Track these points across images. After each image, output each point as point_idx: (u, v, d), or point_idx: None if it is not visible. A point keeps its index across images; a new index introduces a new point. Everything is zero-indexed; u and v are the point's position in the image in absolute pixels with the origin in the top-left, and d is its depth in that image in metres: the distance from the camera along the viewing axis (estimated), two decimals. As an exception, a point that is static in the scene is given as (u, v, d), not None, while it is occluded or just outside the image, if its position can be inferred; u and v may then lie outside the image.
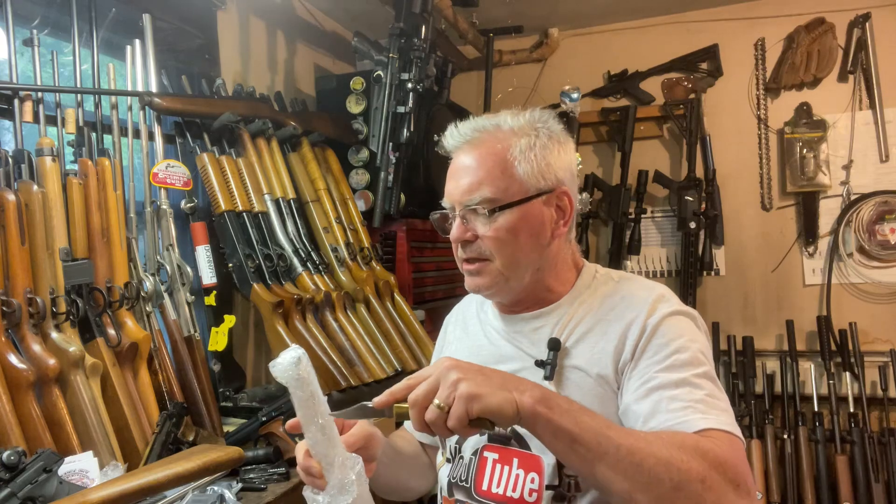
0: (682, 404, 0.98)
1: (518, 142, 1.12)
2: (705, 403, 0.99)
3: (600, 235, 3.51)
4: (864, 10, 3.06)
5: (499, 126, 1.14)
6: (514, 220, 1.10)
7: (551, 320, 1.16)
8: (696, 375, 1.01)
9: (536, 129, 1.14)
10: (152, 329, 1.79)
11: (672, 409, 0.98)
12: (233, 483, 1.49)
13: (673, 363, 1.03)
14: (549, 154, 1.13)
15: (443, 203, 1.18)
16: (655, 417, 0.99)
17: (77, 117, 1.74)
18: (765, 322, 3.27)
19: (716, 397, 1.00)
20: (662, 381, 1.01)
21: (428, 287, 2.67)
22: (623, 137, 3.33)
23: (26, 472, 1.22)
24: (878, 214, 3.06)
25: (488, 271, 1.13)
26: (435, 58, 2.71)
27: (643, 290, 1.14)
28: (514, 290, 1.15)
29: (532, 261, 1.13)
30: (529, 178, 1.11)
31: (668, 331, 1.06)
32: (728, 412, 1.00)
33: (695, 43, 3.31)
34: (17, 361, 1.43)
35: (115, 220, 1.72)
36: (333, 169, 2.43)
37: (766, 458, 2.96)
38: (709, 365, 1.05)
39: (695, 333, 1.08)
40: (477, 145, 1.13)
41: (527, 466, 1.10)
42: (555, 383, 1.10)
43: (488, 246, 1.12)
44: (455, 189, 1.14)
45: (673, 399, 0.99)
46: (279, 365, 0.91)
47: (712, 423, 0.96)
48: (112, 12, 1.90)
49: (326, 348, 2.01)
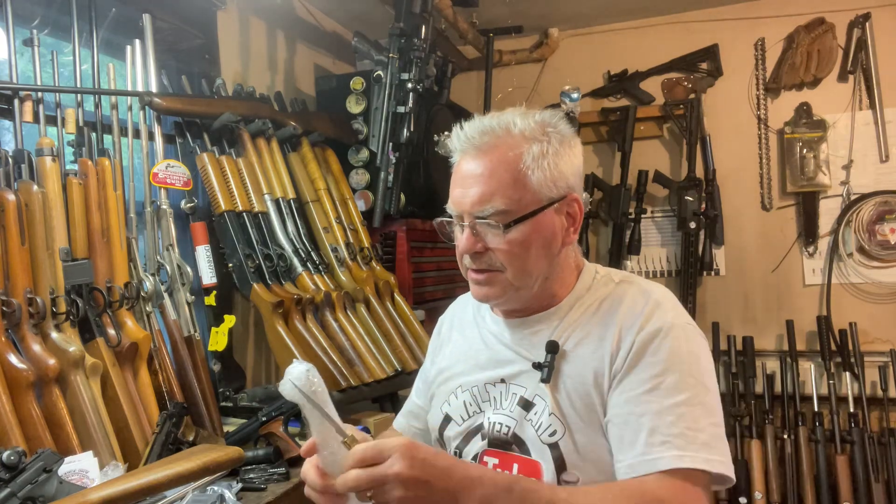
0: (661, 438, 0.98)
1: (530, 149, 1.07)
2: (685, 438, 0.98)
3: (600, 235, 3.51)
4: (864, 10, 3.06)
5: (508, 130, 1.08)
6: (528, 233, 1.07)
7: (551, 323, 1.15)
8: (679, 403, 1.00)
9: (548, 134, 1.09)
10: (152, 329, 1.79)
11: (651, 444, 0.98)
12: (233, 483, 1.49)
13: (658, 386, 1.01)
14: (560, 161, 1.09)
15: (448, 209, 1.13)
16: (633, 448, 1.00)
17: (77, 117, 1.74)
18: (765, 322, 3.26)
19: (698, 429, 0.99)
20: (645, 409, 1.01)
21: (428, 287, 2.67)
22: (623, 137, 3.33)
23: (26, 472, 1.22)
24: (878, 214, 3.06)
25: (498, 282, 1.10)
26: (435, 58, 2.71)
27: (641, 295, 1.11)
28: (522, 299, 1.14)
29: (542, 270, 1.11)
30: (542, 187, 1.07)
31: (658, 349, 1.04)
32: (707, 444, 0.99)
33: (695, 43, 3.31)
34: (17, 361, 1.43)
35: (115, 220, 1.72)
36: (333, 169, 2.43)
37: (766, 458, 2.96)
38: (705, 381, 1.04)
39: (684, 348, 1.05)
40: (487, 151, 1.08)
41: (526, 472, 1.10)
42: (551, 387, 1.09)
43: (500, 259, 1.08)
44: (464, 198, 1.08)
45: (653, 432, 0.99)
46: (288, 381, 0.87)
47: (687, 463, 0.97)
48: (112, 12, 1.90)
49: (326, 348, 2.01)
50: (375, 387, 2.07)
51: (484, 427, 1.16)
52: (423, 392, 1.35)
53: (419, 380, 1.40)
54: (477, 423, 1.18)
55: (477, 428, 1.18)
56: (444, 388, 1.26)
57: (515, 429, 1.12)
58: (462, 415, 1.20)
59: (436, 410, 1.26)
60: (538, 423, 1.10)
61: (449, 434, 1.22)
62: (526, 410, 1.12)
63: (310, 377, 0.89)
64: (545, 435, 1.09)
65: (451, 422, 1.22)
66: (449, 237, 1.17)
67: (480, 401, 1.18)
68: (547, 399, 1.10)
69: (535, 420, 1.10)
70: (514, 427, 1.12)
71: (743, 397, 3.09)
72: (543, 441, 1.09)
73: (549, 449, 1.08)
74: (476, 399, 1.19)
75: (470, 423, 1.19)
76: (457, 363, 1.26)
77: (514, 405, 1.13)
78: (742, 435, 3.00)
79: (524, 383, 1.14)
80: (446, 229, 1.17)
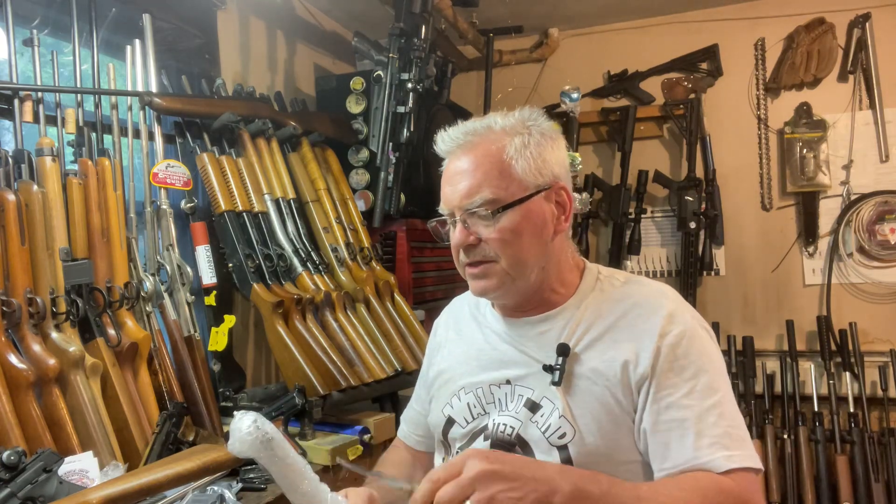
0: (708, 441, 1.01)
1: (512, 141, 1.11)
2: (730, 437, 1.02)
3: (600, 235, 3.51)
4: (864, 10, 3.06)
5: (490, 127, 1.13)
6: (517, 220, 1.09)
7: (558, 324, 1.14)
8: (717, 403, 1.03)
9: (528, 128, 1.13)
10: (152, 329, 1.79)
11: (700, 447, 1.01)
12: (233, 483, 1.49)
13: (694, 389, 1.04)
14: (544, 150, 1.12)
15: (440, 209, 1.16)
16: (682, 453, 1.02)
17: (77, 117, 1.74)
18: (765, 322, 3.26)
19: (736, 426, 1.03)
20: (686, 414, 1.03)
21: (428, 287, 2.67)
22: (623, 137, 3.33)
23: (26, 472, 1.21)
24: (878, 214, 3.06)
25: (494, 272, 1.12)
26: (435, 58, 2.71)
27: (654, 296, 1.13)
28: (520, 291, 1.14)
29: (537, 259, 1.12)
30: (528, 175, 1.10)
31: (687, 352, 1.06)
32: (746, 440, 1.04)
33: (695, 43, 3.31)
34: (17, 361, 1.43)
35: (115, 220, 1.72)
36: (333, 169, 2.43)
37: (766, 458, 2.95)
38: (725, 384, 1.07)
39: (709, 347, 1.09)
40: (471, 148, 1.12)
41: None
42: (562, 389, 1.09)
43: (493, 248, 1.10)
44: (453, 194, 1.12)
45: (699, 435, 1.02)
46: (235, 438, 0.83)
47: (737, 463, 1.00)
48: (112, 12, 1.90)
49: (326, 348, 2.01)
50: (375, 387, 2.07)
51: (488, 428, 1.16)
52: (424, 399, 1.35)
53: (419, 386, 1.39)
54: (482, 425, 1.17)
55: (481, 430, 1.17)
56: (445, 389, 1.25)
57: (520, 430, 1.12)
58: (466, 417, 1.20)
59: (437, 413, 1.25)
60: (545, 425, 1.09)
61: (453, 436, 1.22)
62: (532, 412, 1.11)
63: (259, 426, 0.86)
64: (553, 437, 1.08)
65: (454, 424, 1.21)
66: (444, 238, 1.19)
67: (485, 402, 1.18)
68: (557, 401, 1.09)
69: (541, 422, 1.10)
70: (519, 428, 1.12)
71: (743, 397, 3.09)
72: (552, 443, 1.08)
73: (558, 451, 1.08)
74: (480, 401, 1.18)
75: (475, 426, 1.19)
76: (457, 364, 1.25)
77: (520, 406, 1.13)
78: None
79: (531, 385, 1.13)
80: (440, 231, 1.19)
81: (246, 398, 2.01)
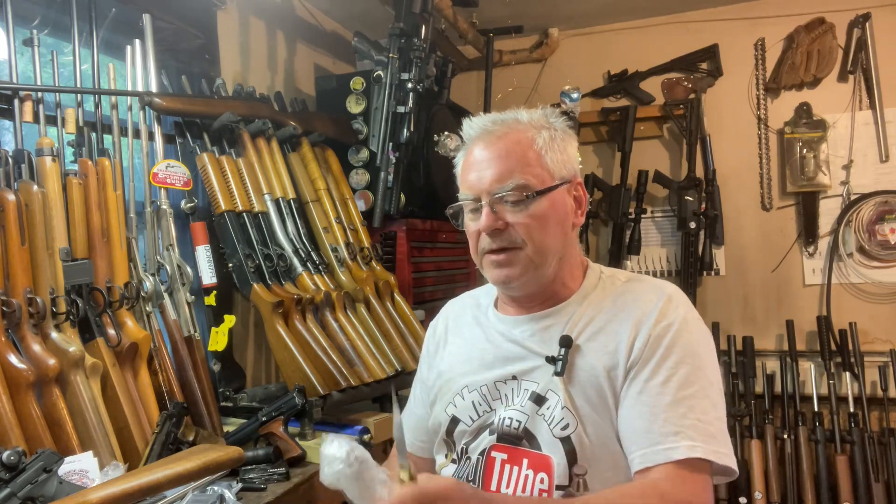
0: (673, 428, 1.03)
1: (540, 133, 1.16)
2: (695, 429, 1.03)
3: (600, 235, 3.51)
4: (864, 10, 3.06)
5: (517, 119, 1.18)
6: (545, 207, 1.13)
7: (562, 319, 1.17)
8: (691, 395, 1.05)
9: (551, 124, 1.19)
10: (152, 329, 1.79)
11: (664, 433, 1.03)
12: (233, 483, 1.49)
13: (670, 378, 1.06)
14: (567, 146, 1.18)
15: (461, 196, 1.19)
16: (648, 438, 1.04)
17: (77, 117, 1.74)
18: (765, 322, 3.26)
19: (707, 422, 1.05)
20: (658, 401, 1.05)
21: (428, 287, 2.67)
22: (623, 137, 3.33)
23: (26, 472, 1.22)
24: (878, 214, 3.06)
25: (518, 260, 1.14)
26: (435, 58, 2.71)
27: (653, 290, 1.16)
28: (539, 280, 1.17)
29: (558, 248, 1.16)
30: (555, 166, 1.15)
31: (672, 343, 1.08)
32: (717, 437, 1.05)
33: (695, 43, 3.31)
34: (17, 361, 1.43)
35: (115, 220, 1.72)
36: (333, 169, 2.43)
37: (766, 458, 2.96)
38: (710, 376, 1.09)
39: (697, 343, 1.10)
40: (501, 136, 1.16)
41: (536, 466, 1.11)
42: (565, 380, 1.11)
43: (520, 233, 1.13)
44: (481, 179, 1.15)
45: (666, 422, 1.04)
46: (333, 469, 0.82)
47: (698, 453, 1.02)
48: (112, 12, 1.90)
49: (326, 348, 2.01)
50: (376, 387, 2.07)
51: (494, 423, 1.17)
52: (423, 400, 1.35)
53: (417, 388, 1.40)
54: (489, 421, 1.19)
55: (487, 425, 1.18)
56: (447, 390, 1.26)
57: (527, 423, 1.13)
58: (471, 415, 1.21)
59: (440, 413, 1.26)
60: (550, 418, 1.11)
61: (458, 434, 1.23)
62: (538, 405, 1.13)
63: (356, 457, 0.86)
64: (557, 429, 1.10)
65: (459, 423, 1.22)
66: (460, 224, 1.21)
67: (491, 399, 1.19)
68: (560, 393, 1.11)
69: (547, 415, 1.12)
70: (526, 422, 1.13)
71: (743, 397, 3.09)
72: (556, 435, 1.10)
73: (562, 443, 1.10)
74: (486, 398, 1.20)
75: (482, 422, 1.20)
76: (459, 364, 1.26)
77: (526, 400, 1.14)
78: (742, 435, 3.00)
79: (537, 378, 1.15)
80: (458, 218, 1.21)
81: (246, 398, 2.01)
